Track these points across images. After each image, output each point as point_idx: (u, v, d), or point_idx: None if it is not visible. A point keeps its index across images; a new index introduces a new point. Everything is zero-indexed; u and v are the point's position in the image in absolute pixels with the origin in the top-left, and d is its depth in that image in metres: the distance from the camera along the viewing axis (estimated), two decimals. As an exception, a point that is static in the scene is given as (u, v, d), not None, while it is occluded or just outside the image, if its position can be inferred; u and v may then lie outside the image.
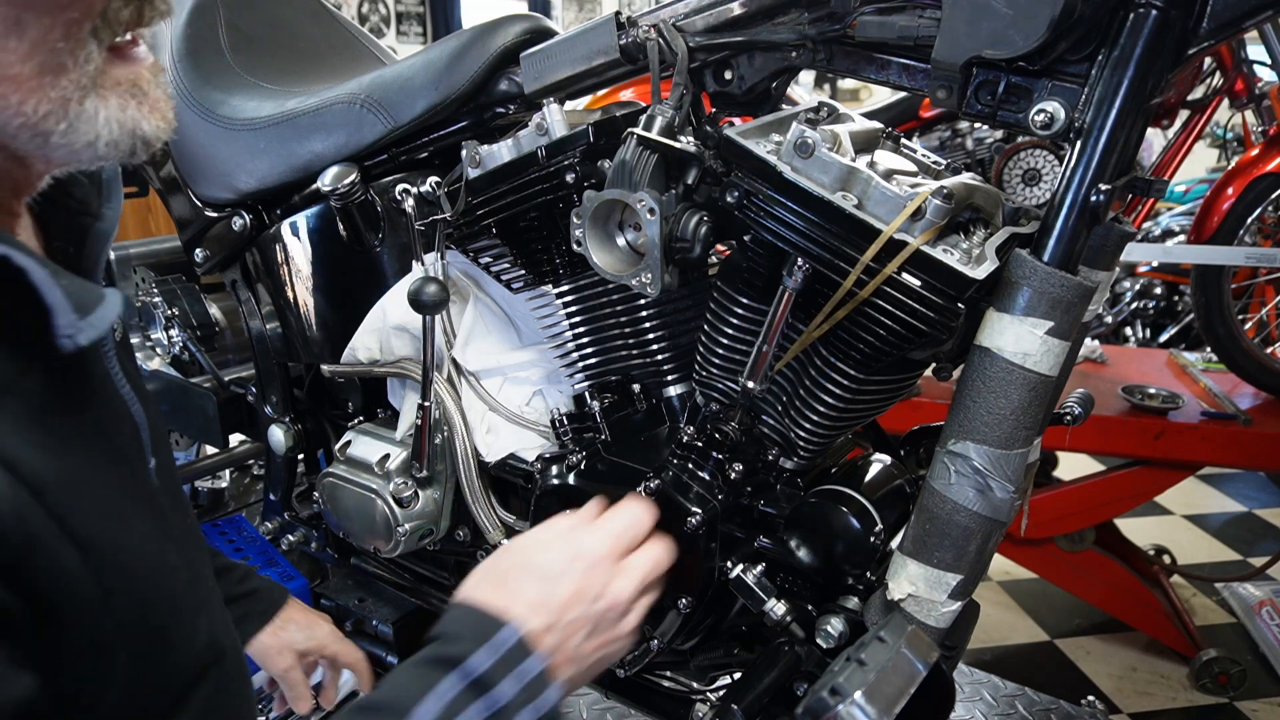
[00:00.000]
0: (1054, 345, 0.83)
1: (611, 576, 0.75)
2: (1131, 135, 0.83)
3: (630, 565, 0.77)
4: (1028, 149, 2.25)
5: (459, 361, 1.26)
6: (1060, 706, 1.73)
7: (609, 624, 0.74)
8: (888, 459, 1.12)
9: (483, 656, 0.65)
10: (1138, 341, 3.95)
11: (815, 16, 0.94)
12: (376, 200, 1.28)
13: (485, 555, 1.33)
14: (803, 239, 0.88)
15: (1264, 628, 2.37)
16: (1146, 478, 2.24)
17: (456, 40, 1.23)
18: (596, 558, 0.75)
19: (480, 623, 0.68)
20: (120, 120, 0.56)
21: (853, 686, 0.81)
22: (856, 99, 6.01)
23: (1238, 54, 2.48)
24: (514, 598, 0.70)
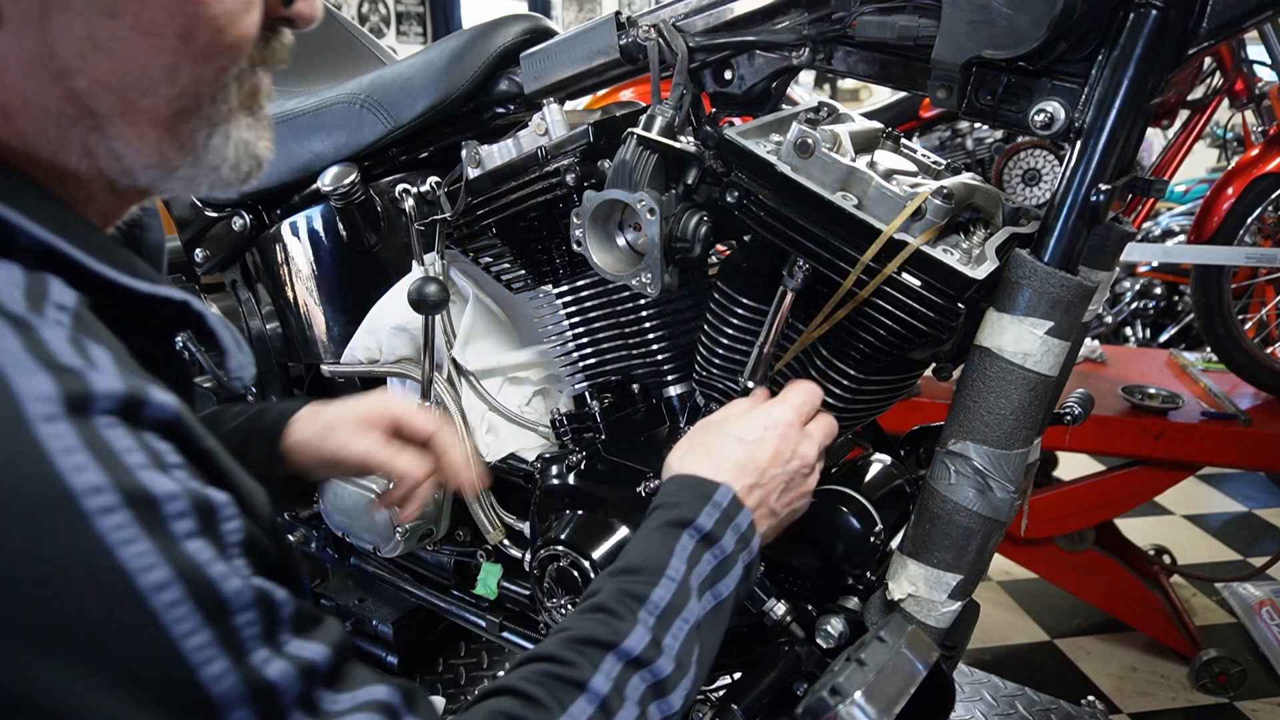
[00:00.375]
0: (1054, 345, 0.83)
1: (800, 440, 0.85)
2: (1131, 135, 0.83)
3: (812, 431, 0.87)
4: (1028, 149, 2.25)
5: (459, 361, 1.26)
6: (1060, 706, 1.73)
7: (799, 481, 0.85)
8: (888, 459, 1.12)
9: (707, 515, 0.76)
10: (1138, 341, 3.95)
11: (815, 16, 0.94)
12: (376, 200, 1.28)
13: (485, 556, 1.33)
14: (803, 239, 0.88)
15: (1264, 628, 2.37)
16: (1146, 478, 2.24)
17: (456, 40, 1.23)
18: (787, 424, 0.85)
19: (699, 488, 0.78)
20: (243, 141, 0.57)
21: (853, 686, 0.81)
22: (856, 99, 6.00)
23: (1238, 54, 2.48)
24: (720, 463, 0.81)
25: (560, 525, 1.09)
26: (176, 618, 0.42)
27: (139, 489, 0.42)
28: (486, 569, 1.31)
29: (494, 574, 1.30)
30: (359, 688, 0.50)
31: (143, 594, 0.41)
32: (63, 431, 0.41)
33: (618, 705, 0.63)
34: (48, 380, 0.41)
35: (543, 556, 1.07)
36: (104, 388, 0.43)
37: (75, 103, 0.50)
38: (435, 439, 0.93)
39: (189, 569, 0.42)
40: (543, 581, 1.08)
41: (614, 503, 1.08)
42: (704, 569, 0.74)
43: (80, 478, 0.40)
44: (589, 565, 1.03)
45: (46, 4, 0.47)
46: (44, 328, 0.43)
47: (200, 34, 0.51)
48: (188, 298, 0.54)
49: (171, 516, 0.43)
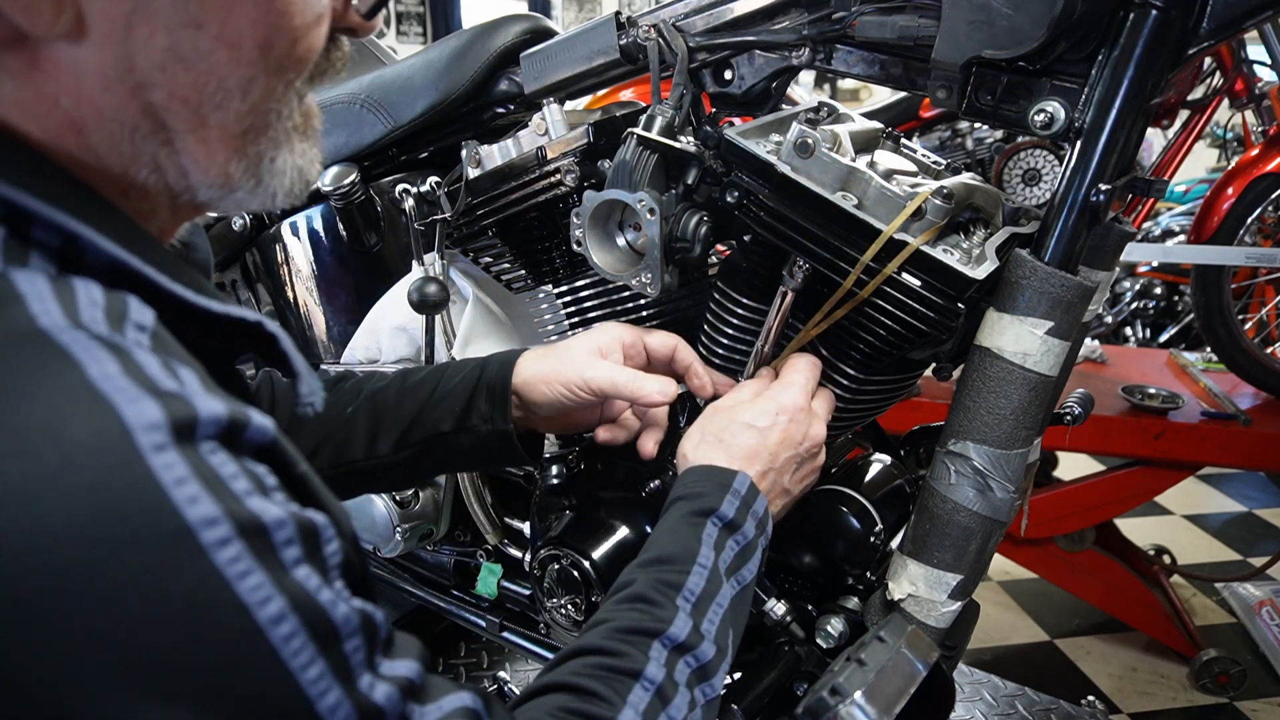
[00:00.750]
0: (1054, 345, 0.83)
1: (810, 421, 0.87)
2: (1131, 135, 0.83)
3: (818, 409, 0.90)
4: (1028, 149, 2.24)
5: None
6: (1060, 706, 1.73)
7: (809, 460, 0.88)
8: (888, 459, 1.12)
9: (729, 504, 0.79)
10: (1138, 341, 3.95)
11: (815, 16, 0.94)
12: (376, 200, 1.28)
13: (485, 556, 1.33)
14: (803, 239, 0.88)
15: (1264, 628, 2.37)
16: (1146, 478, 2.24)
17: (456, 40, 1.23)
18: (796, 408, 0.87)
19: (718, 477, 0.81)
20: (298, 168, 0.57)
21: (853, 686, 0.81)
22: (856, 99, 6.00)
23: (1238, 54, 2.48)
24: (733, 451, 0.83)
25: (560, 525, 1.09)
26: (294, 650, 0.41)
27: (250, 518, 0.41)
28: (486, 569, 1.31)
29: (494, 574, 1.31)
30: (442, 697, 0.50)
31: (262, 628, 0.40)
32: (173, 461, 0.39)
33: (672, 691, 0.65)
34: (155, 407, 0.40)
35: (543, 556, 1.07)
36: (208, 412, 0.42)
37: (150, 117, 0.49)
38: (677, 355, 0.95)
39: (301, 598, 0.42)
40: (543, 581, 1.08)
41: (614, 503, 1.08)
42: (729, 555, 0.77)
43: (194, 510, 0.39)
44: (589, 565, 1.03)
45: (131, 15, 0.46)
46: (134, 351, 0.42)
47: (278, 44, 0.50)
48: (261, 319, 0.53)
49: (281, 544, 0.42)
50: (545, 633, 1.31)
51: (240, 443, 0.44)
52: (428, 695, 0.50)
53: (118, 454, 0.38)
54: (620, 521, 1.06)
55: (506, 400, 0.92)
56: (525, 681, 1.60)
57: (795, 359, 0.92)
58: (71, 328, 0.41)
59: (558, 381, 0.90)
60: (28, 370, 0.39)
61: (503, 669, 1.65)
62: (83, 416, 0.38)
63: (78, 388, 0.39)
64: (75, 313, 0.41)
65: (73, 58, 0.46)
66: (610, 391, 0.90)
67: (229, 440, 0.43)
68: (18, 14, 0.43)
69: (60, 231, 0.45)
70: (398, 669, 0.48)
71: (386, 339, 1.28)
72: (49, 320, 0.40)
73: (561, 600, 1.07)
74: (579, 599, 1.04)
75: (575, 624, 1.07)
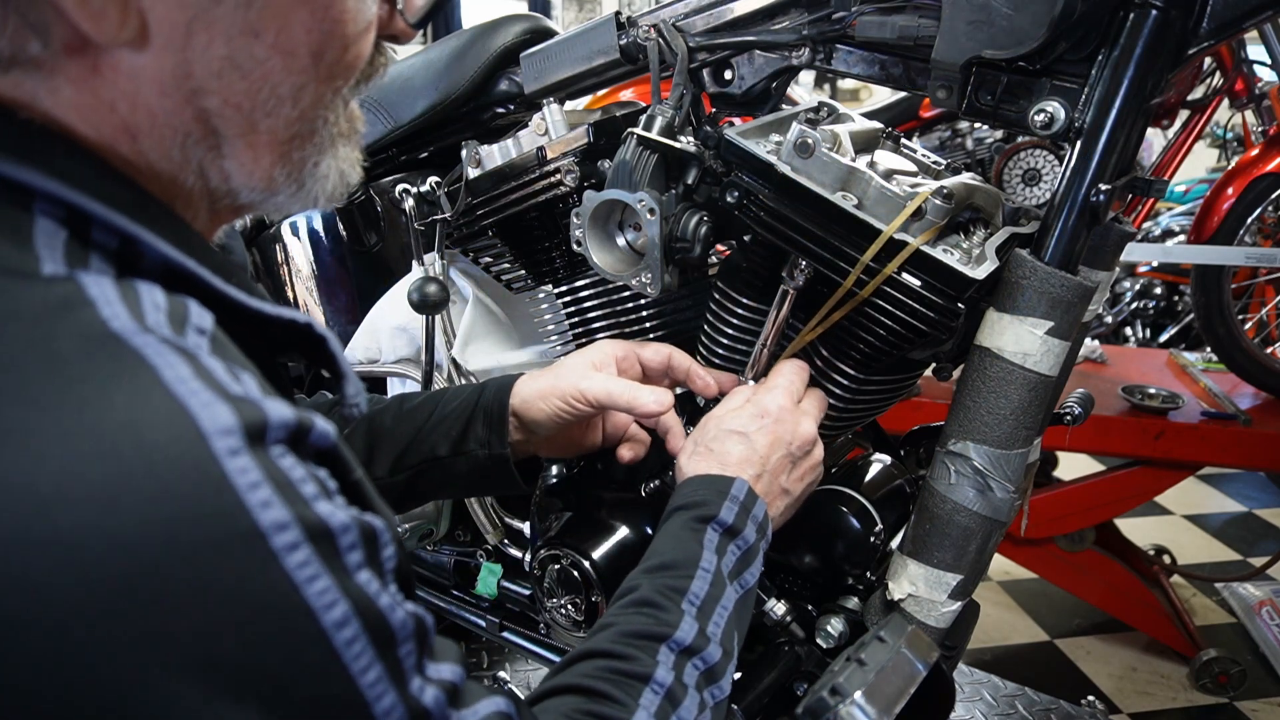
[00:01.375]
0: (1054, 345, 0.83)
1: (796, 420, 0.87)
2: (1131, 135, 0.83)
3: (806, 408, 0.90)
4: (1028, 149, 2.24)
5: (459, 361, 1.25)
6: (1060, 706, 1.73)
7: (803, 458, 0.88)
8: (888, 459, 1.12)
9: (728, 510, 0.79)
10: (1138, 341, 3.95)
11: (815, 16, 0.94)
12: (376, 200, 1.28)
13: (485, 556, 1.33)
14: (803, 239, 0.88)
15: (1264, 628, 2.37)
16: (1146, 478, 2.24)
17: (456, 40, 1.23)
18: (780, 408, 0.87)
19: (715, 484, 0.81)
20: (340, 171, 0.58)
21: (853, 686, 0.81)
22: (856, 99, 6.00)
23: (1238, 54, 2.48)
24: (725, 459, 0.84)
25: (560, 525, 1.09)
26: (355, 654, 0.42)
27: (318, 522, 0.42)
28: (486, 569, 1.31)
29: (494, 574, 1.30)
30: (478, 701, 0.51)
31: (327, 632, 0.41)
32: (246, 466, 0.40)
33: (681, 694, 0.66)
34: (228, 411, 0.40)
35: (543, 556, 1.06)
36: (277, 417, 0.43)
37: (202, 123, 0.50)
38: (672, 363, 0.95)
39: (363, 602, 0.43)
40: (543, 581, 1.08)
41: (614, 503, 1.07)
42: (730, 559, 0.78)
43: (267, 514, 0.40)
44: (589, 565, 1.02)
45: (193, 23, 0.47)
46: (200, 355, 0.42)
47: (330, 52, 0.52)
48: (311, 321, 0.54)
49: (345, 549, 0.43)
50: (545, 633, 1.31)
51: (305, 446, 0.45)
52: (465, 699, 0.51)
53: (195, 457, 0.39)
54: (620, 521, 1.06)
55: (504, 424, 0.92)
56: (525, 681, 1.60)
57: (780, 364, 0.92)
58: (142, 331, 0.41)
59: (554, 395, 0.91)
60: (105, 373, 0.39)
61: (503, 669, 1.65)
62: (160, 420, 0.39)
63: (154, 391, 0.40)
64: (141, 316, 0.42)
65: (133, 64, 0.47)
66: (606, 402, 0.90)
67: (295, 444, 0.44)
68: (85, 21, 0.44)
69: (118, 234, 0.46)
70: (443, 672, 0.49)
71: (386, 339, 1.28)
72: (120, 324, 0.41)
73: (561, 600, 1.06)
74: (579, 599, 1.04)
75: (575, 624, 1.07)
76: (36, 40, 0.44)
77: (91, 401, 0.38)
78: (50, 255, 0.42)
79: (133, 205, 0.47)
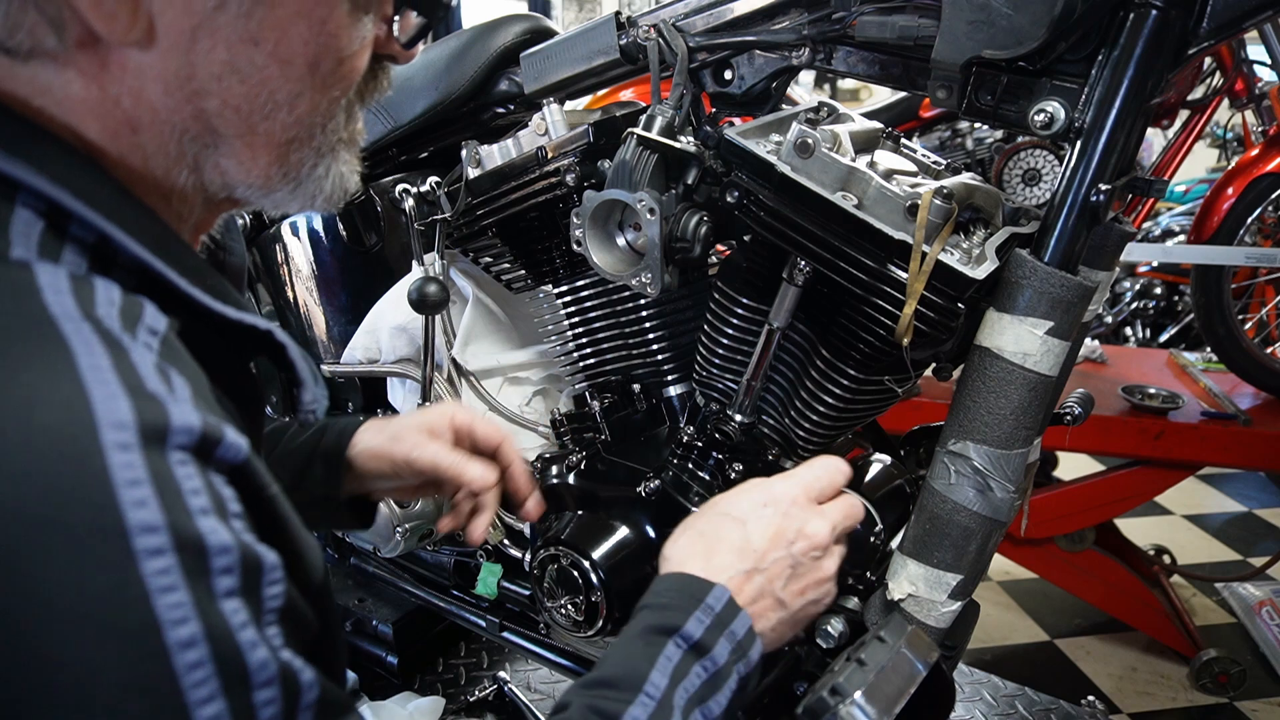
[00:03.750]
0: (1054, 345, 0.83)
1: (807, 518, 0.76)
2: (1131, 135, 0.83)
3: (826, 509, 0.78)
4: (1028, 149, 2.24)
5: (459, 361, 1.26)
6: (1060, 706, 1.73)
7: (809, 564, 0.75)
8: (888, 459, 1.12)
9: (696, 622, 0.67)
10: (1138, 341, 3.95)
11: (815, 16, 0.94)
12: (376, 200, 1.28)
13: (485, 556, 1.33)
14: (803, 239, 0.88)
15: (1264, 628, 2.37)
16: (1146, 478, 2.24)
17: (456, 40, 1.23)
18: (790, 500, 0.76)
19: (691, 588, 0.70)
20: (340, 175, 0.60)
21: (853, 686, 0.81)
22: (856, 99, 6.00)
23: (1238, 54, 2.48)
24: (715, 547, 0.73)
25: (560, 525, 1.09)
26: (195, 681, 0.39)
27: (193, 535, 0.40)
28: (486, 569, 1.31)
29: (494, 574, 1.31)
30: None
31: (169, 649, 0.39)
32: (131, 462, 0.40)
33: None
34: (128, 407, 0.40)
35: (543, 556, 1.07)
36: (181, 421, 0.42)
37: (201, 121, 0.53)
38: (501, 449, 0.92)
39: (219, 630, 0.40)
40: (543, 581, 1.08)
41: (614, 503, 1.08)
42: (692, 683, 0.65)
43: (137, 514, 0.39)
44: (589, 565, 1.03)
45: (197, 29, 0.50)
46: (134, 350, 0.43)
47: (325, 63, 0.55)
48: (271, 327, 0.56)
49: (217, 571, 0.41)
50: (545, 633, 1.31)
51: (211, 459, 0.44)
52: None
53: (79, 444, 0.39)
54: (620, 522, 1.06)
55: (339, 469, 0.89)
56: (525, 681, 1.60)
57: (823, 458, 0.82)
58: (80, 319, 0.42)
59: (385, 458, 0.89)
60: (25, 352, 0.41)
61: (503, 669, 1.65)
62: (58, 402, 0.39)
63: (63, 375, 0.40)
64: (92, 307, 0.43)
65: (139, 63, 0.50)
66: (431, 473, 0.88)
67: (200, 454, 0.43)
68: (97, 21, 0.48)
69: (94, 229, 0.48)
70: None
71: (386, 339, 1.28)
72: (59, 310, 0.42)
73: (561, 600, 1.07)
74: (579, 599, 1.04)
75: (575, 624, 1.07)
76: (53, 35, 0.48)
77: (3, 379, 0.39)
78: (23, 242, 0.45)
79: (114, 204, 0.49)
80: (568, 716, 0.62)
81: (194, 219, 0.59)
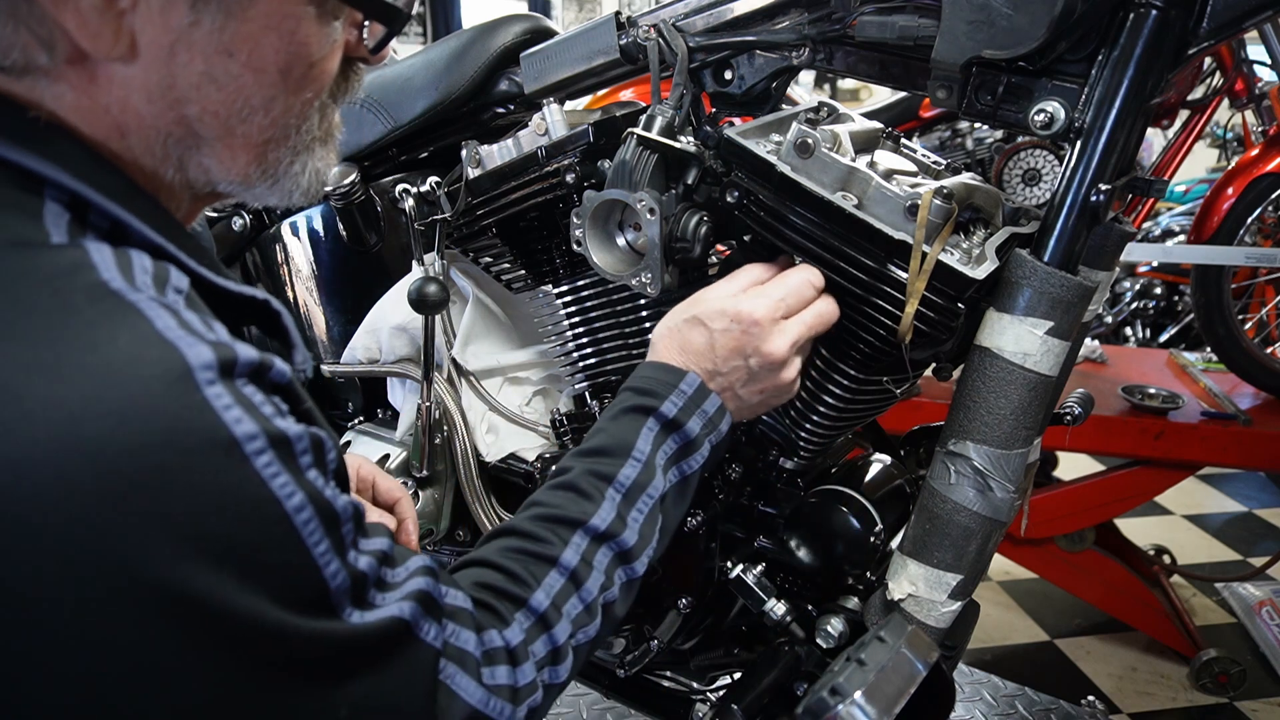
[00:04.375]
0: (1054, 345, 0.83)
1: (766, 336, 0.85)
2: (1131, 135, 0.83)
3: (786, 326, 0.86)
4: (1028, 149, 2.24)
5: (459, 361, 1.26)
6: (1060, 706, 1.73)
7: (765, 375, 0.86)
8: (888, 459, 1.12)
9: (672, 403, 0.82)
10: (1138, 341, 3.95)
11: (815, 16, 0.94)
12: (376, 200, 1.28)
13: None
14: (802, 239, 0.88)
15: (1264, 628, 2.37)
16: (1146, 478, 2.24)
17: (456, 40, 1.23)
18: (752, 320, 0.85)
19: (667, 376, 0.84)
20: (316, 170, 0.66)
21: (853, 686, 0.81)
22: (856, 99, 6.00)
23: (1238, 54, 2.48)
24: (686, 345, 0.86)
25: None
26: (310, 531, 0.52)
27: (278, 433, 0.52)
28: (486, 569, 1.31)
29: (494, 574, 1.30)
30: (406, 560, 0.63)
31: (289, 515, 0.51)
32: (220, 392, 0.50)
33: (586, 574, 0.74)
34: (208, 350, 0.50)
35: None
36: (245, 356, 0.52)
37: (183, 126, 0.59)
38: (399, 505, 1.01)
39: (313, 493, 0.53)
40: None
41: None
42: (669, 448, 0.82)
43: (240, 428, 0.49)
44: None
45: (175, 44, 0.56)
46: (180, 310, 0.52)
47: (296, 69, 0.60)
48: (269, 298, 0.64)
49: (299, 453, 0.53)
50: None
51: (265, 380, 0.54)
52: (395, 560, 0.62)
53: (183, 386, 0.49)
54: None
55: None
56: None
57: (799, 270, 0.89)
58: (134, 290, 0.51)
59: None
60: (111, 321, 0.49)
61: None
62: (156, 356, 0.49)
63: (150, 335, 0.50)
64: (132, 278, 0.52)
65: (124, 75, 0.56)
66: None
67: (257, 377, 0.53)
68: (84, 39, 0.53)
69: (109, 218, 0.55)
70: (374, 544, 0.60)
71: (386, 339, 1.28)
72: (118, 284, 0.51)
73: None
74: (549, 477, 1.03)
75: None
76: (45, 53, 0.54)
77: (102, 342, 0.48)
78: (57, 231, 0.52)
79: (123, 194, 0.56)
80: (570, 478, 0.78)
81: (182, 212, 0.65)
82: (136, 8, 0.54)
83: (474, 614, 0.67)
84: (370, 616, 0.56)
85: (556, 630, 0.71)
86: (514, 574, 0.71)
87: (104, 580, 0.46)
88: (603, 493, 0.77)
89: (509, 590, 0.70)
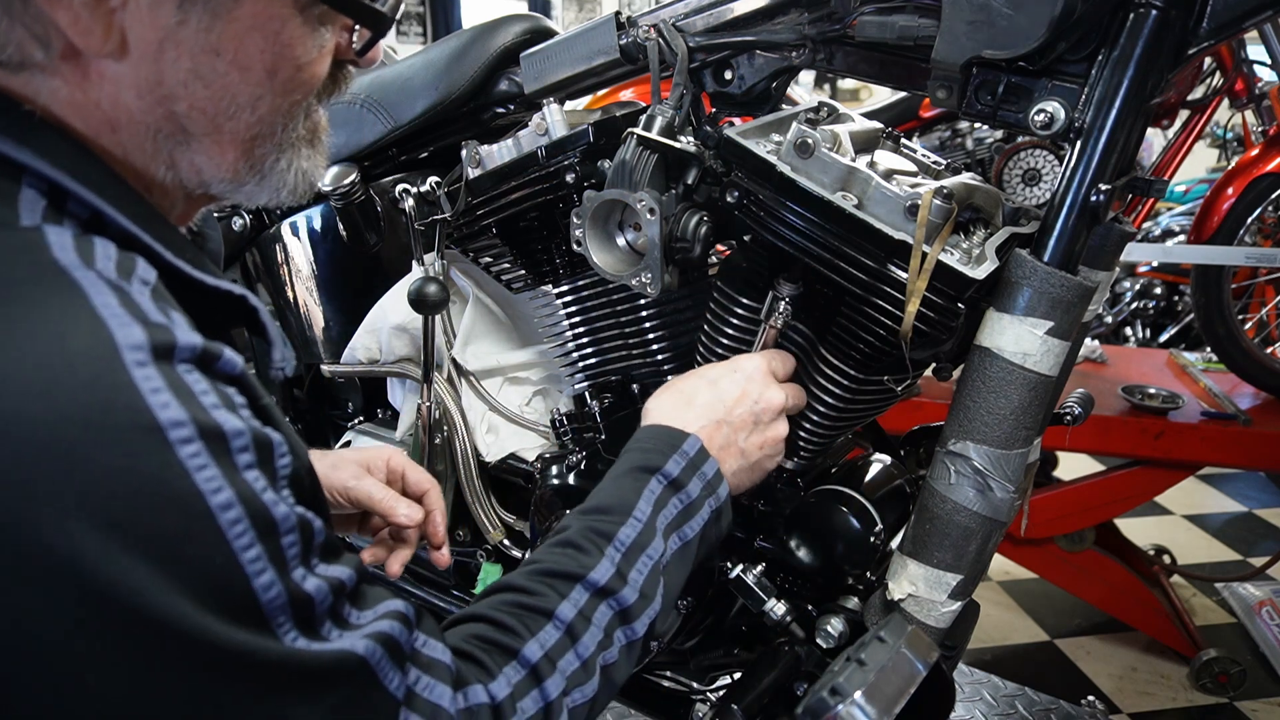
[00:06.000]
0: (1054, 345, 0.83)
1: (766, 386, 0.90)
2: (1131, 135, 0.83)
3: (781, 386, 0.92)
4: (1028, 149, 2.24)
5: (459, 361, 1.26)
6: (1060, 706, 1.73)
7: (768, 425, 0.90)
8: (888, 459, 1.12)
9: (674, 463, 0.83)
10: (1138, 341, 3.95)
11: (815, 16, 0.94)
12: (376, 200, 1.28)
13: (485, 556, 1.33)
14: (802, 239, 0.88)
15: (1264, 628, 2.37)
16: (1146, 478, 2.24)
17: (456, 40, 1.23)
18: (754, 368, 0.91)
19: (669, 437, 0.85)
20: (302, 170, 0.67)
21: (853, 686, 0.81)
22: (856, 99, 6.00)
23: (1238, 54, 2.48)
24: (690, 401, 0.88)
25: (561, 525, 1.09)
26: (237, 532, 0.50)
27: (211, 424, 0.50)
28: (486, 569, 1.31)
29: (494, 574, 1.31)
30: (378, 603, 0.60)
31: (212, 511, 0.49)
32: (150, 375, 0.49)
33: (583, 629, 0.71)
34: (140, 331, 0.49)
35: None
36: (185, 340, 0.51)
37: (172, 122, 0.60)
38: (428, 495, 1.00)
39: (247, 494, 0.51)
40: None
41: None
42: (670, 512, 0.81)
43: (165, 413, 0.48)
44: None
45: (164, 42, 0.57)
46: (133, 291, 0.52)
47: (283, 70, 0.61)
48: (246, 293, 0.63)
49: (236, 450, 0.51)
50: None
51: (214, 370, 0.53)
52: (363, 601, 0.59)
53: (108, 364, 0.48)
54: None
55: None
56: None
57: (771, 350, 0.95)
58: (84, 267, 0.51)
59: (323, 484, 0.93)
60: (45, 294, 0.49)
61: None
62: (83, 332, 0.48)
63: (81, 311, 0.49)
64: (91, 260, 0.51)
65: (115, 71, 0.57)
66: (366, 505, 0.96)
67: (204, 365, 0.53)
68: (77, 36, 0.54)
69: (89, 207, 0.56)
70: (332, 571, 0.56)
71: (386, 339, 1.28)
72: (66, 259, 0.50)
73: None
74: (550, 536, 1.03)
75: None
76: (40, 49, 0.55)
77: (30, 316, 0.48)
78: (29, 215, 0.53)
79: (102, 185, 0.57)
80: (569, 536, 0.76)
81: (175, 212, 0.66)
82: (126, 6, 0.55)
83: (453, 667, 0.62)
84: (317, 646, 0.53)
85: (548, 684, 0.67)
86: (506, 625, 0.68)
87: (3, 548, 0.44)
88: (602, 549, 0.75)
89: (499, 640, 0.67)
